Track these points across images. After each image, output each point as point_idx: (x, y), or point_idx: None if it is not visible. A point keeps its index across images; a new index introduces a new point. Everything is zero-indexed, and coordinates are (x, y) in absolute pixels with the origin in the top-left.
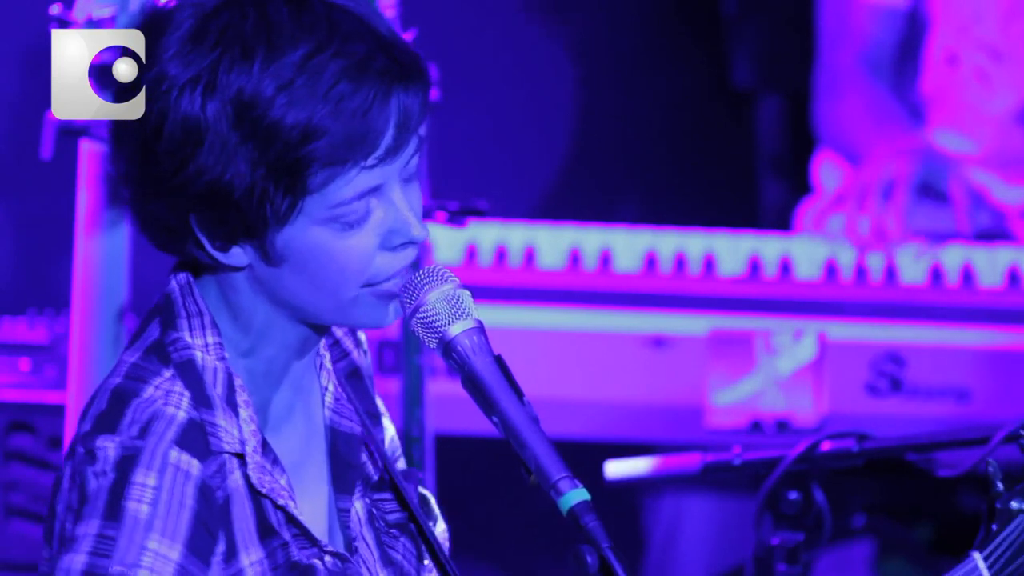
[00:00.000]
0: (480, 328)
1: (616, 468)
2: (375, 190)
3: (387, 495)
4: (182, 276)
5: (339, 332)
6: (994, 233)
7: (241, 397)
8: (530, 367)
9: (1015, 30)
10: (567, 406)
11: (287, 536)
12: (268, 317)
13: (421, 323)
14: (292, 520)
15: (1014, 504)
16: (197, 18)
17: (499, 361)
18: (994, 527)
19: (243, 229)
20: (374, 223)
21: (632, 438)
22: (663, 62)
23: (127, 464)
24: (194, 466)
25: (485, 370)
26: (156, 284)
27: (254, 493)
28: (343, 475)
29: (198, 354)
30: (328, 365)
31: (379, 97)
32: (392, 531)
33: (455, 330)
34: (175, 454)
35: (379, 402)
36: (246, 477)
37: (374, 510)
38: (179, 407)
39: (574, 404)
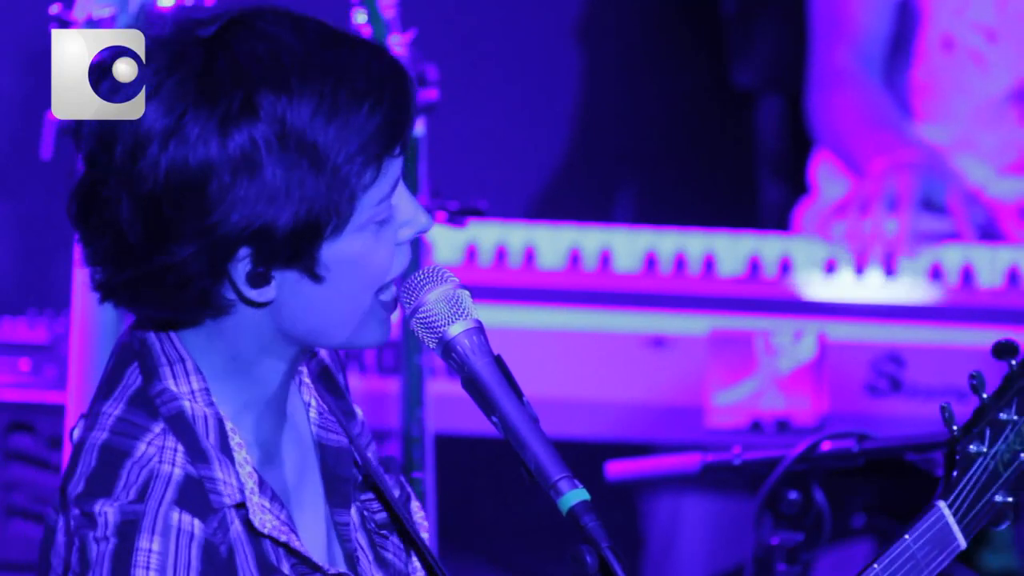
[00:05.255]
0: (480, 328)
1: (616, 468)
2: (396, 182)
3: (370, 494)
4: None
5: None
6: (988, 232)
7: (234, 440)
8: (530, 367)
9: (1009, 9)
10: (567, 406)
11: (287, 569)
12: (267, 351)
13: (421, 323)
14: (291, 551)
15: (972, 448)
16: (194, 68)
17: (499, 361)
18: (955, 474)
19: (294, 253)
20: (395, 218)
21: (632, 438)
22: (663, 62)
23: (129, 529)
24: (196, 526)
25: (485, 370)
26: None
27: (253, 536)
28: (338, 489)
29: (186, 404)
30: (307, 380)
31: (395, 90)
32: (383, 531)
33: (455, 330)
34: (176, 516)
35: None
36: (246, 523)
37: (365, 512)
38: (174, 464)
39: (574, 404)
